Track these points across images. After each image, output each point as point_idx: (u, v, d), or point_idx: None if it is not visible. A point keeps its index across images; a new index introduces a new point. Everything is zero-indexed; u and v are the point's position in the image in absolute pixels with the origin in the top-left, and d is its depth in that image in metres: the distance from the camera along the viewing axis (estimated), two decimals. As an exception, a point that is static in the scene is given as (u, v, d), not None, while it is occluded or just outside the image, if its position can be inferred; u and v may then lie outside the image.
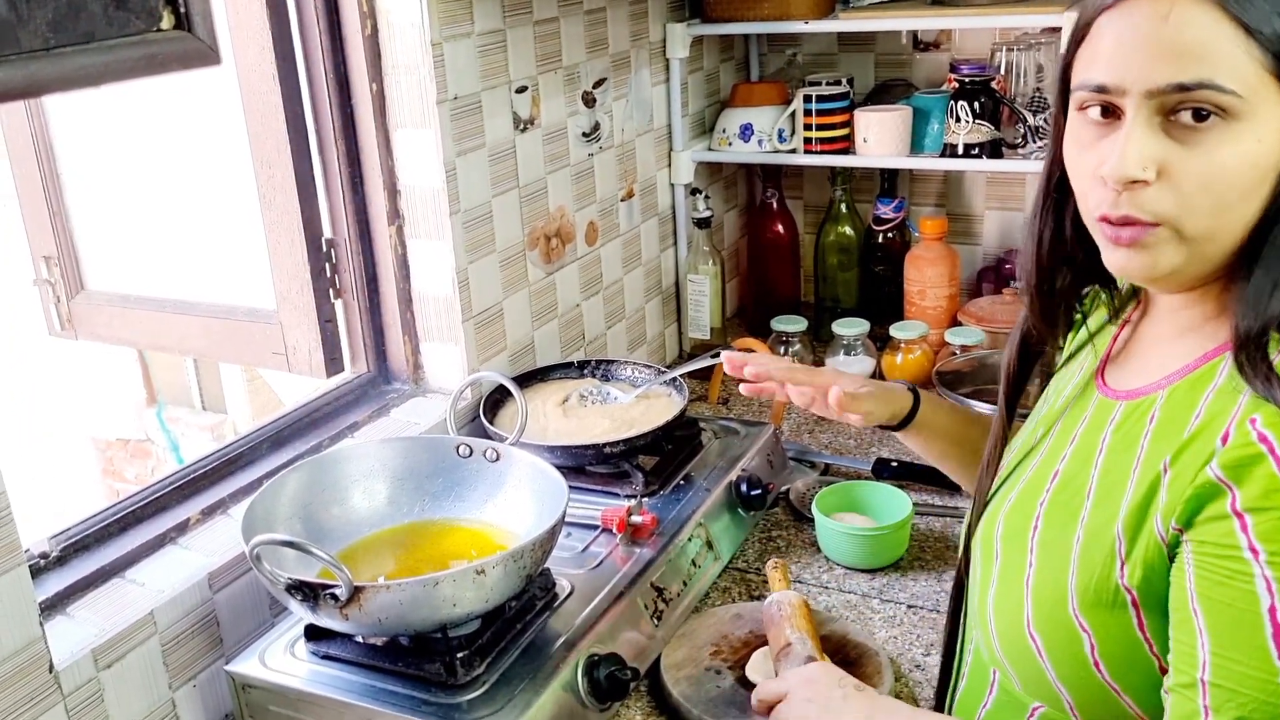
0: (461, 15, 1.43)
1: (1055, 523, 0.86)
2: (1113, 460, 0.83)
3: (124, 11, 0.64)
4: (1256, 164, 0.74)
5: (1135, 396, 0.85)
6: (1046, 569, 0.85)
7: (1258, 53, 0.72)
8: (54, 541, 1.15)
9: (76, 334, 1.66)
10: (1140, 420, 0.82)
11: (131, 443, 4.39)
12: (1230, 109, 0.73)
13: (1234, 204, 0.75)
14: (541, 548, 1.09)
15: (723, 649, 1.22)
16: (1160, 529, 0.76)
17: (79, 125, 1.56)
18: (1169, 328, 0.86)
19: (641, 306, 1.98)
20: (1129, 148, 0.75)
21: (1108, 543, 0.79)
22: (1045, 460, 0.92)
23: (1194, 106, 0.73)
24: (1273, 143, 0.74)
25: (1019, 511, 0.91)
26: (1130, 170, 0.75)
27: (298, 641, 1.14)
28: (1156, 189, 0.75)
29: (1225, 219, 0.75)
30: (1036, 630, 0.84)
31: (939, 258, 1.99)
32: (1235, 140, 0.73)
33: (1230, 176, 0.74)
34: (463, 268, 1.50)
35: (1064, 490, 0.87)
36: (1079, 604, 0.81)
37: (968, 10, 1.78)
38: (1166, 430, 0.79)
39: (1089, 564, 0.81)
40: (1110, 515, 0.80)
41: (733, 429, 1.58)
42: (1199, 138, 0.74)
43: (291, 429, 1.42)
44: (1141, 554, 0.77)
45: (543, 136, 1.64)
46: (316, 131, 1.42)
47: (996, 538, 0.93)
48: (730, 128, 2.00)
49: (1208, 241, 0.77)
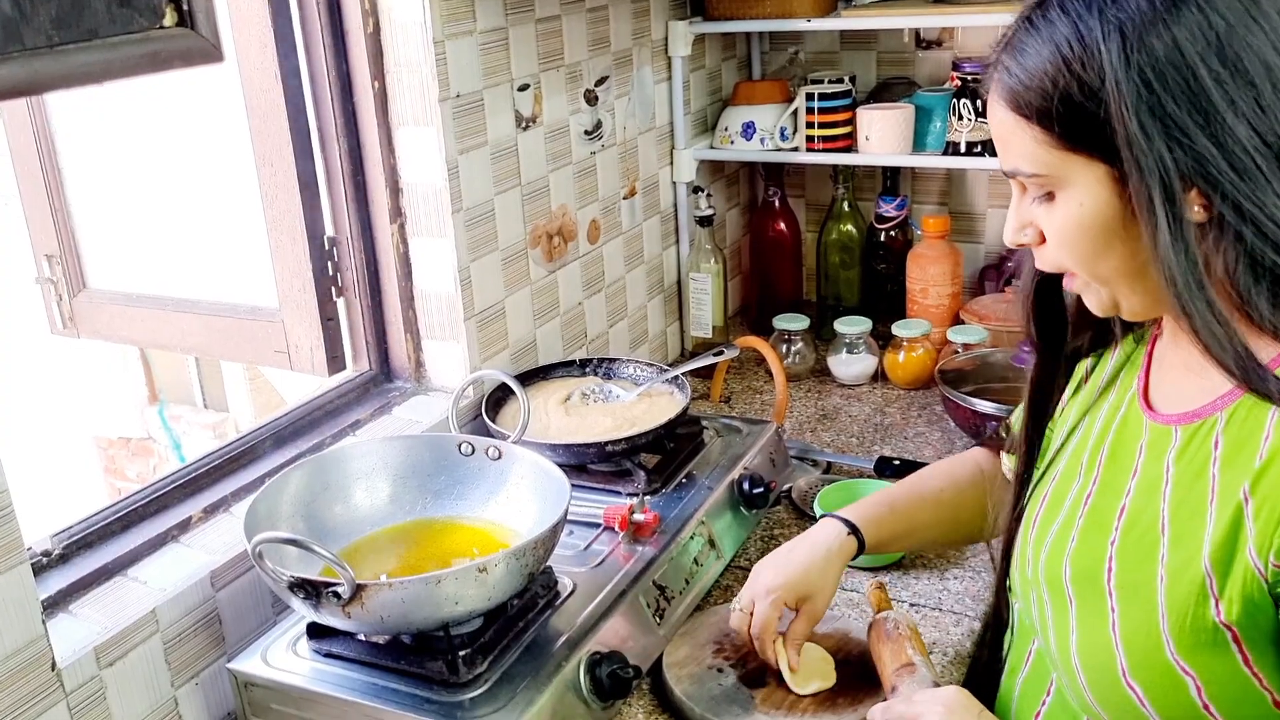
0: (464, 13, 1.43)
1: (1132, 564, 0.83)
2: (1182, 492, 0.81)
3: (127, 9, 0.64)
4: (1088, 223, 0.80)
5: (1192, 420, 0.83)
6: (1132, 614, 0.82)
7: (1039, 134, 0.79)
8: (56, 539, 1.15)
9: (78, 332, 1.66)
10: (1204, 446, 0.80)
11: (133, 441, 4.40)
12: (1044, 186, 0.82)
13: (1098, 254, 0.81)
14: (544, 546, 1.09)
15: (725, 647, 1.21)
16: (1257, 563, 0.74)
17: (81, 123, 1.56)
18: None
19: (643, 305, 1.98)
20: (1010, 218, 0.88)
21: (1196, 580, 0.77)
22: (1101, 493, 0.89)
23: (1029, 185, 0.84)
24: (1096, 201, 0.79)
25: (1086, 553, 0.88)
26: (1011, 238, 0.88)
27: (300, 640, 1.14)
28: (1044, 247, 0.86)
29: (1104, 266, 0.82)
30: (1135, 679, 0.81)
31: (941, 256, 1.99)
32: (1062, 206, 0.82)
33: (1074, 234, 0.82)
34: (465, 266, 1.50)
35: (1134, 528, 0.84)
36: (1176, 647, 0.78)
37: (970, 8, 1.78)
38: (1236, 456, 0.77)
39: (1179, 604, 0.78)
40: (1194, 551, 0.77)
41: (735, 427, 1.57)
42: (1045, 207, 0.84)
43: (293, 427, 1.42)
44: (1238, 589, 0.75)
45: (545, 134, 1.64)
46: (318, 129, 1.42)
47: (1066, 581, 0.89)
48: (732, 126, 2.00)
49: (1114, 284, 0.83)
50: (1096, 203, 0.79)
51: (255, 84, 1.36)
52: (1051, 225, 0.83)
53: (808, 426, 1.79)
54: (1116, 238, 0.79)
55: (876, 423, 1.80)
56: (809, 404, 1.88)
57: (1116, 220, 0.79)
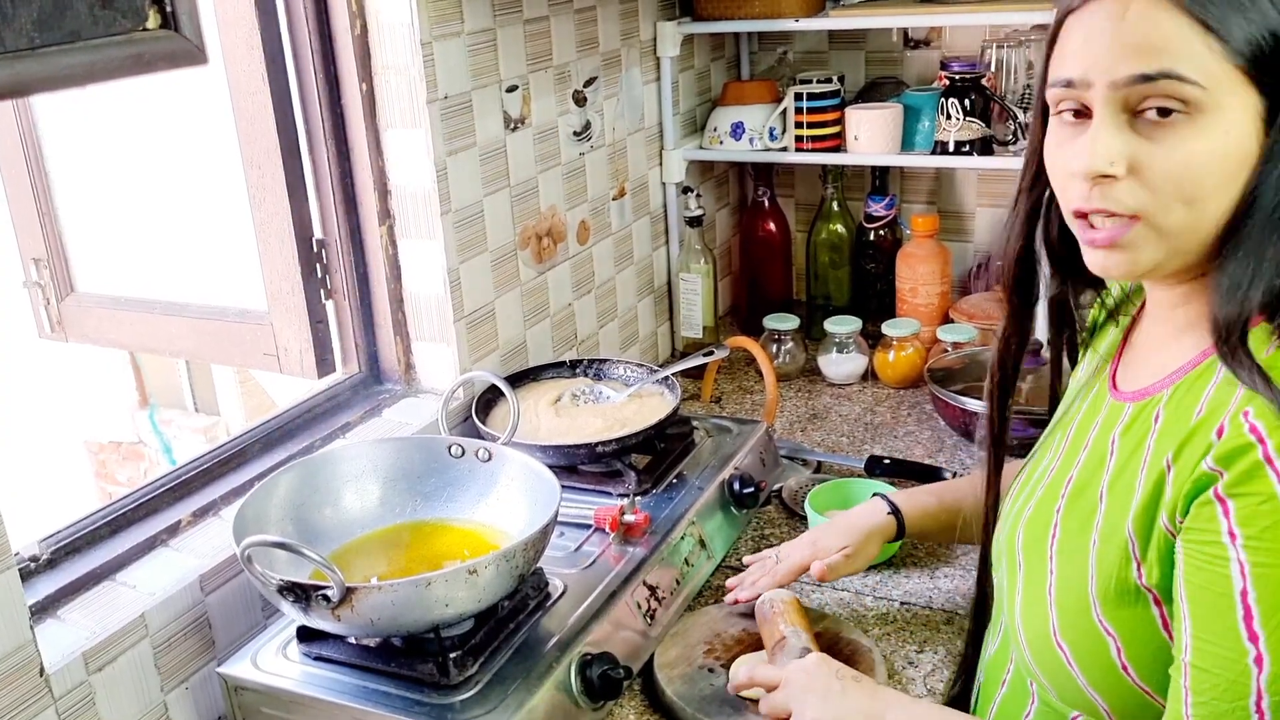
0: (451, 14, 1.43)
1: (1072, 529, 0.86)
2: (1122, 462, 0.83)
3: (110, 10, 0.63)
4: (1226, 157, 0.74)
5: (1142, 397, 0.85)
6: (1067, 576, 0.85)
7: (1218, 46, 0.72)
8: (44, 544, 1.14)
9: (67, 336, 1.66)
10: (1146, 420, 0.83)
11: (124, 445, 4.38)
12: (1194, 101, 0.73)
13: (1207, 197, 0.75)
14: (534, 547, 1.09)
15: (716, 647, 1.21)
16: (1167, 523, 0.77)
17: (68, 126, 1.55)
18: (1168, 326, 0.87)
19: (633, 305, 1.98)
20: (1096, 144, 0.76)
21: (1121, 544, 0.80)
22: (1061, 467, 0.92)
23: (1159, 100, 0.74)
24: (1241, 134, 0.74)
25: (1038, 520, 0.91)
26: (1098, 165, 0.76)
27: (290, 643, 1.13)
28: (1127, 184, 0.76)
29: (1200, 212, 0.76)
30: (1063, 638, 0.84)
31: (930, 255, 1.99)
32: (1201, 134, 0.74)
33: (1200, 170, 0.74)
34: (454, 267, 1.49)
35: (1079, 496, 0.87)
36: (1102, 608, 0.81)
37: (958, 7, 1.78)
38: (1171, 428, 0.79)
39: (1106, 566, 0.81)
40: (1122, 516, 0.80)
41: (725, 427, 1.58)
42: (1165, 133, 0.74)
43: (283, 430, 1.42)
44: (1156, 553, 0.78)
45: (534, 136, 1.64)
46: (306, 132, 1.41)
47: (1018, 547, 0.92)
48: (721, 126, 2.00)
49: (1186, 234, 0.77)
50: (1243, 133, 0.74)
51: (242, 86, 1.35)
52: (1175, 153, 0.74)
53: (798, 426, 1.79)
54: (1235, 177, 0.75)
55: (867, 422, 1.80)
56: (799, 404, 1.88)
57: (1249, 157, 0.74)
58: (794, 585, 1.35)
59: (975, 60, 1.88)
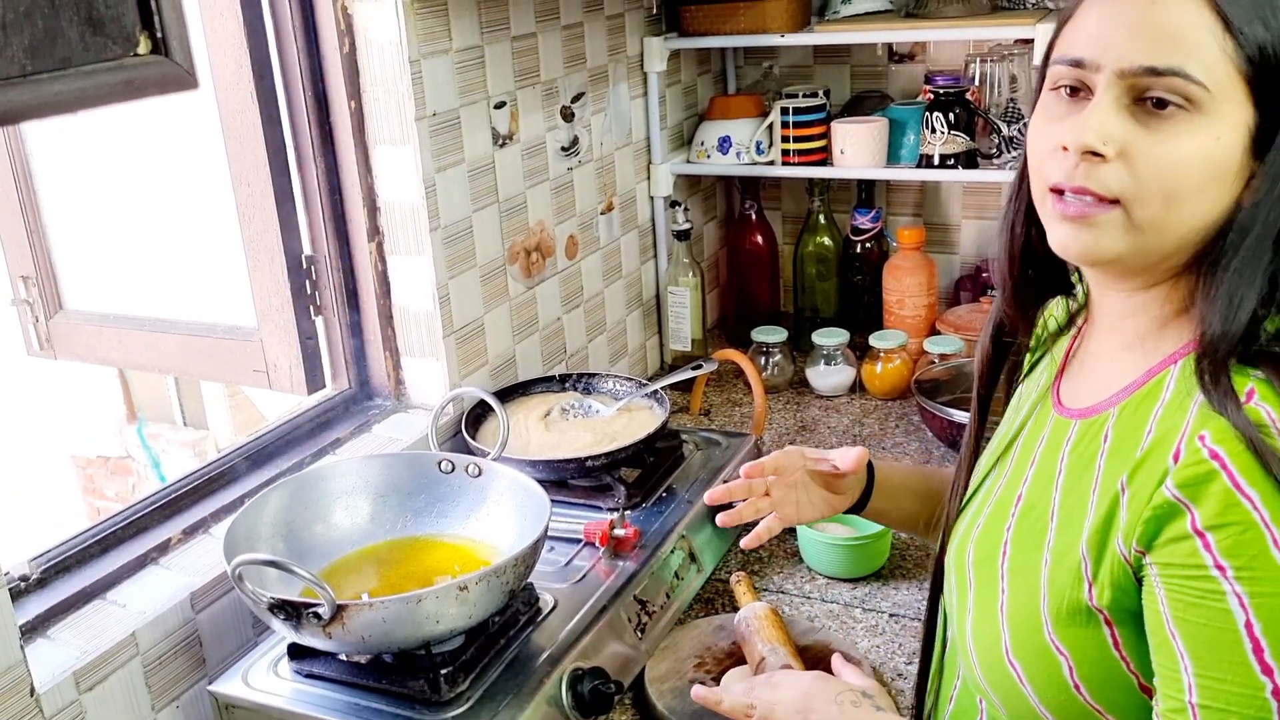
0: (439, 32, 1.44)
1: (1022, 548, 0.86)
2: (1072, 481, 0.83)
3: (101, 37, 0.64)
4: (1211, 161, 0.75)
5: (1089, 415, 0.85)
6: (1018, 595, 0.85)
7: (1232, 50, 0.73)
8: (34, 563, 1.14)
9: (55, 354, 1.65)
10: (1095, 440, 0.83)
11: (112, 460, 4.36)
12: (1195, 101, 0.73)
13: (1186, 197, 0.75)
14: (524, 563, 1.09)
15: (706, 661, 1.22)
16: (1123, 549, 0.76)
17: (56, 144, 1.56)
18: (1114, 340, 0.86)
19: (622, 319, 1.99)
20: (1093, 119, 0.76)
21: (1073, 565, 0.80)
22: (1009, 483, 0.92)
23: (1161, 93, 0.74)
24: (1231, 144, 0.74)
25: (987, 538, 0.91)
26: (1091, 140, 0.76)
27: (281, 660, 1.13)
28: (1113, 167, 0.76)
29: (1175, 212, 0.76)
30: (1015, 657, 0.84)
31: (917, 267, 2.01)
32: (1195, 133, 0.74)
33: (1185, 168, 0.74)
34: (443, 283, 1.50)
35: (1028, 515, 0.87)
36: (1053, 628, 0.81)
37: (942, 22, 1.80)
38: (1120, 449, 0.79)
39: (1058, 587, 0.81)
40: (1074, 537, 0.80)
41: (714, 440, 1.58)
42: (1160, 125, 0.74)
43: (273, 447, 1.42)
44: (1108, 575, 0.77)
45: (522, 151, 1.64)
46: (295, 149, 1.42)
47: (968, 565, 0.92)
48: (708, 140, 2.01)
49: (1155, 233, 0.77)
50: (1232, 143, 0.74)
51: (231, 104, 1.36)
52: (1167, 147, 0.74)
53: (787, 438, 1.80)
54: (1220, 184, 0.75)
55: (855, 433, 1.81)
56: (788, 416, 1.89)
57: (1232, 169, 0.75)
58: (779, 599, 1.36)
59: (959, 74, 1.89)
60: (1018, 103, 1.88)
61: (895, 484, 1.18)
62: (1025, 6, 1.83)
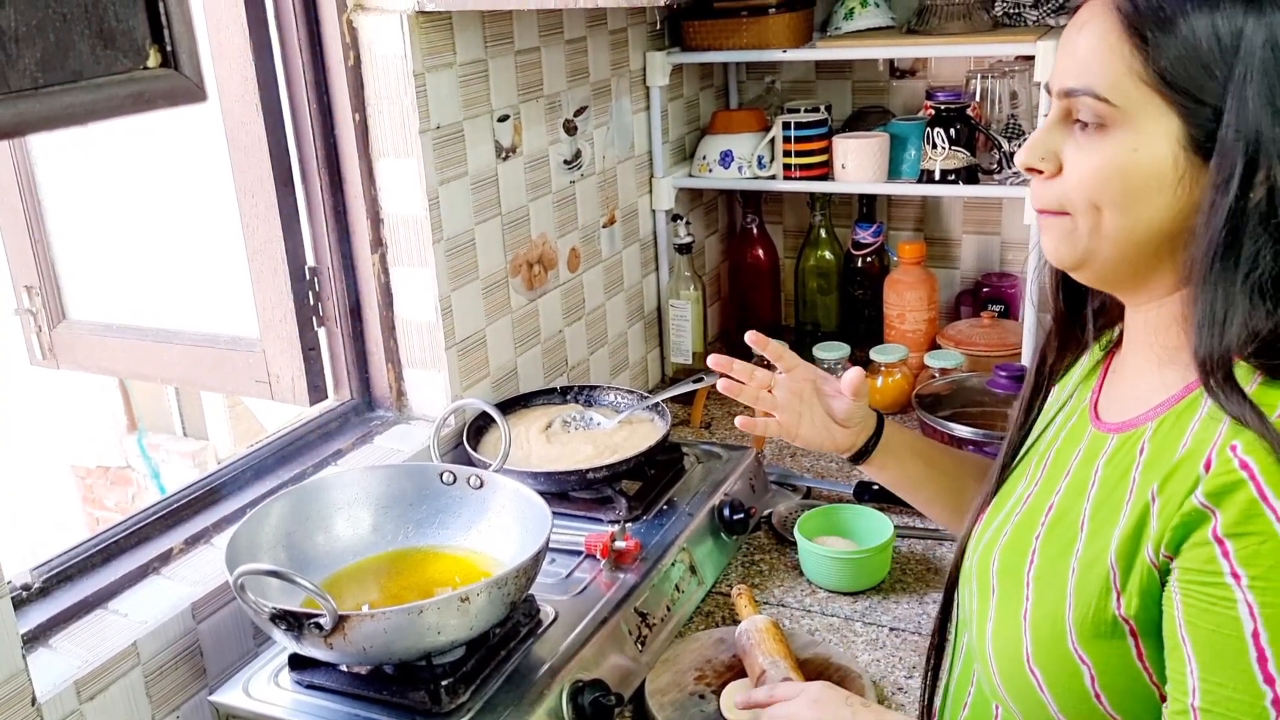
0: (443, 46, 1.45)
1: (1050, 556, 0.86)
2: (1105, 492, 0.84)
3: (111, 50, 0.64)
4: (1133, 171, 0.78)
5: (1127, 429, 0.85)
6: (1043, 603, 0.85)
7: (1140, 67, 0.77)
8: (36, 573, 1.14)
9: (58, 363, 1.66)
10: (1130, 452, 0.83)
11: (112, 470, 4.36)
12: (1108, 117, 0.79)
13: (1116, 205, 0.80)
14: (525, 574, 1.09)
15: (706, 674, 1.22)
16: (1152, 556, 0.76)
17: (61, 155, 1.56)
18: (1148, 355, 0.87)
19: (624, 332, 1.99)
20: (1033, 138, 0.84)
21: (1102, 573, 0.80)
22: (1040, 493, 0.92)
23: (1085, 112, 0.80)
24: (1153, 153, 0.78)
25: (1014, 546, 0.91)
26: (1027, 158, 0.84)
27: (282, 671, 1.13)
28: (1052, 180, 0.83)
29: (1114, 219, 0.80)
30: (1036, 665, 0.84)
31: (918, 282, 2.01)
32: (1109, 146, 0.79)
33: (1107, 178, 0.79)
34: (445, 295, 1.50)
35: (1058, 524, 0.87)
36: (1077, 636, 0.81)
37: (943, 39, 1.81)
38: (1156, 461, 0.80)
39: (1085, 596, 0.81)
40: (1103, 546, 0.80)
41: (715, 453, 1.59)
42: (1086, 139, 0.81)
43: (275, 457, 1.42)
44: (1137, 583, 0.77)
45: (524, 164, 1.65)
46: (299, 161, 1.43)
47: (992, 572, 0.92)
48: (710, 154, 2.02)
49: (1102, 239, 0.82)
50: (1154, 154, 0.78)
51: (236, 116, 1.37)
52: (1086, 160, 0.80)
53: (787, 452, 1.80)
54: (1151, 194, 0.78)
55: (855, 447, 1.81)
56: (788, 429, 1.89)
57: (1161, 178, 0.78)
58: (779, 612, 1.36)
59: (960, 90, 1.90)
60: (1018, 119, 1.89)
61: (902, 442, 1.18)
62: (1026, 24, 1.84)
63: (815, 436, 1.16)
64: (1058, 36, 1.71)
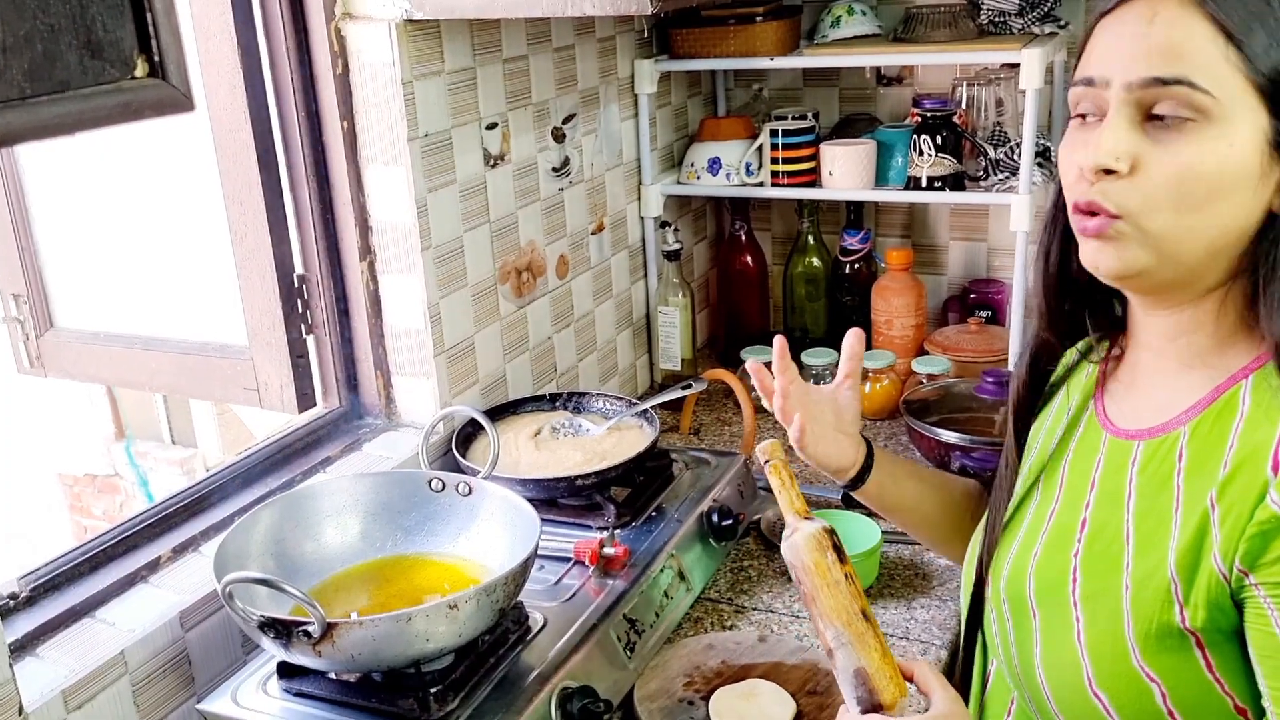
0: (431, 54, 1.45)
1: (1096, 574, 0.84)
2: (1147, 503, 0.81)
3: (99, 60, 0.65)
4: (1225, 168, 0.75)
5: (1155, 435, 0.84)
6: (1099, 623, 0.82)
7: (1235, 58, 0.74)
8: (23, 582, 1.14)
9: (45, 371, 1.65)
10: (1168, 459, 0.81)
11: (99, 478, 4.35)
12: (1204, 109, 0.75)
13: (1198, 206, 0.76)
14: (514, 581, 1.10)
15: (695, 680, 1.22)
16: (1221, 567, 0.75)
17: (49, 162, 1.56)
18: (1168, 359, 0.86)
19: (613, 338, 2.00)
20: (1104, 138, 0.78)
21: (1161, 587, 0.78)
22: (1064, 508, 0.90)
23: (1169, 105, 0.76)
24: (1245, 149, 0.75)
25: (1051, 566, 0.88)
26: (1103, 159, 0.77)
27: (270, 679, 1.13)
28: (1126, 182, 0.78)
29: (1189, 220, 0.77)
30: (1101, 688, 0.82)
31: (905, 288, 2.02)
32: (1206, 141, 0.75)
33: (1196, 176, 0.76)
34: (434, 302, 1.51)
35: (1097, 539, 0.85)
36: (1142, 654, 0.79)
37: (929, 47, 1.82)
38: (1201, 466, 0.78)
39: (1144, 611, 0.79)
40: (1159, 559, 0.78)
41: (704, 460, 1.59)
42: (1171, 136, 0.76)
43: (263, 465, 1.42)
44: (1203, 595, 0.76)
45: (513, 172, 1.66)
46: (288, 168, 1.43)
47: (1029, 595, 0.89)
48: (698, 161, 2.03)
49: (1174, 242, 0.78)
50: (1244, 150, 0.75)
51: (224, 124, 1.37)
52: (1173, 157, 0.76)
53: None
54: (1231, 191, 0.76)
55: (844, 453, 1.81)
56: (777, 435, 1.90)
57: (1249, 175, 0.76)
58: (768, 617, 1.36)
59: (947, 97, 1.91)
60: (1004, 126, 1.90)
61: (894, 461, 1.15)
62: (1011, 32, 1.85)
63: (820, 448, 1.11)
64: (1043, 44, 1.73)
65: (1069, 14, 1.90)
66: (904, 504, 1.16)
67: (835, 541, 0.85)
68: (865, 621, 0.84)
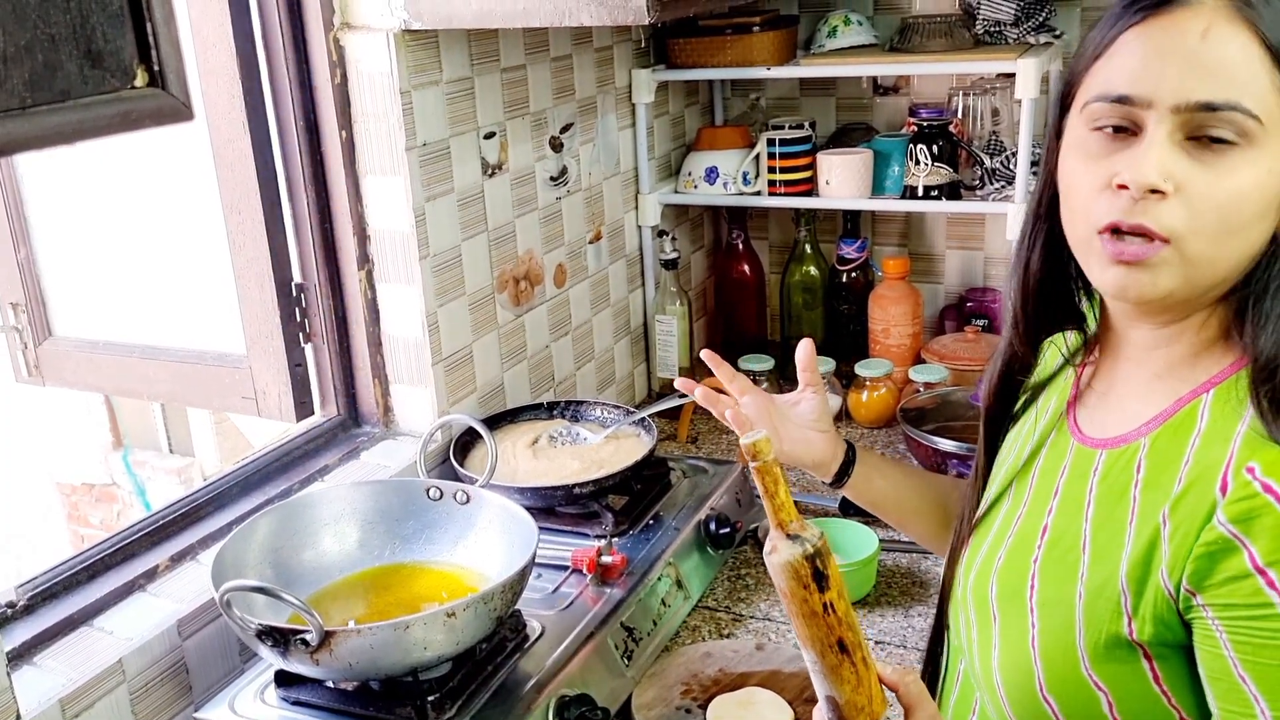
0: (430, 64, 1.46)
1: (1053, 580, 0.84)
2: (1104, 513, 0.82)
3: (99, 70, 0.65)
4: (1265, 193, 0.75)
5: (1117, 445, 0.84)
6: (1052, 629, 0.83)
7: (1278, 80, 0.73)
8: (21, 590, 1.14)
9: (44, 380, 1.65)
10: (1126, 470, 0.81)
11: (97, 487, 4.34)
12: (1251, 134, 0.73)
13: (1239, 230, 0.75)
14: (512, 589, 1.10)
15: (693, 688, 1.22)
16: (1167, 584, 0.75)
17: (48, 172, 1.56)
18: (1142, 370, 0.85)
19: (610, 347, 2.00)
20: (1151, 157, 0.74)
21: (1112, 598, 0.78)
22: (1029, 514, 0.90)
23: (1217, 128, 0.73)
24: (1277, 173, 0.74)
25: (1012, 570, 0.88)
26: (1152, 178, 0.74)
27: (268, 687, 1.13)
28: (1171, 204, 0.74)
29: (1227, 245, 0.76)
30: (1050, 693, 0.82)
31: (902, 296, 2.03)
32: (1249, 166, 0.74)
33: (1241, 202, 0.74)
34: (432, 311, 1.51)
35: (1056, 546, 0.85)
36: (1091, 662, 0.79)
37: (925, 57, 1.83)
38: (1156, 480, 0.78)
39: (1095, 620, 0.79)
40: (1111, 570, 0.79)
41: (701, 468, 1.59)
42: (1216, 160, 0.74)
43: (261, 473, 1.42)
44: (1150, 609, 0.76)
45: (511, 181, 1.66)
46: (286, 178, 1.43)
47: (991, 598, 0.90)
48: (696, 171, 2.03)
49: (1206, 265, 0.76)
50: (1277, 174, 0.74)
51: (223, 134, 1.37)
52: (1220, 181, 0.74)
53: (773, 466, 1.80)
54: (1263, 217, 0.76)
55: (841, 461, 1.82)
56: (774, 444, 1.90)
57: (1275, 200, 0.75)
58: (765, 625, 1.36)
59: (943, 107, 1.92)
60: (999, 135, 1.91)
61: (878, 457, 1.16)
62: (1007, 42, 1.86)
63: (795, 448, 1.13)
64: (1038, 54, 1.74)
65: (1064, 24, 1.91)
66: (893, 498, 1.15)
67: (816, 567, 0.81)
68: (840, 654, 0.82)
